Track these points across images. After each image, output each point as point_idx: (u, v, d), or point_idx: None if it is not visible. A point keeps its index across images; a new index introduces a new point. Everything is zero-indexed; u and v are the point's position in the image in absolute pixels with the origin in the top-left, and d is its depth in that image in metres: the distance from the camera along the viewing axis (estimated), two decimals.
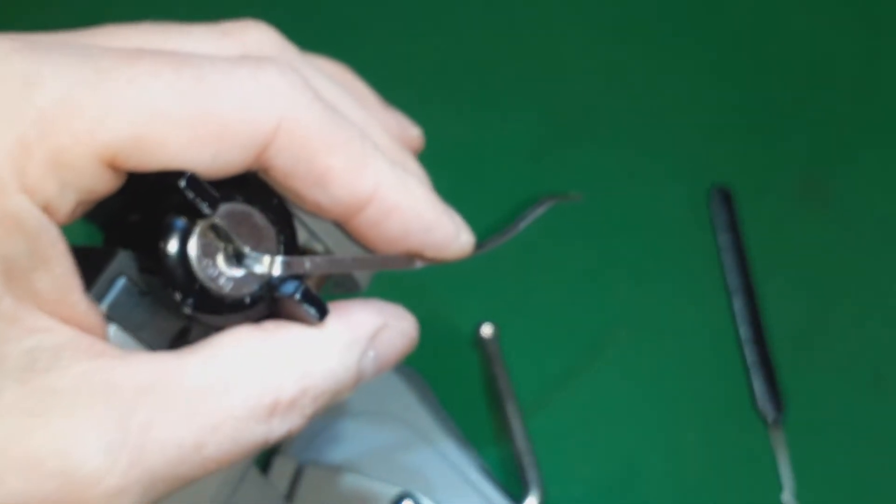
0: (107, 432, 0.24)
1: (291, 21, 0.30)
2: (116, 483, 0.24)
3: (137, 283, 0.27)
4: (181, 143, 0.25)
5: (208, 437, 0.25)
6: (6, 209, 0.23)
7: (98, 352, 0.24)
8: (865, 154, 0.64)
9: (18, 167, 0.23)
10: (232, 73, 0.25)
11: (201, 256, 0.27)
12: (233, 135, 0.25)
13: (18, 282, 0.23)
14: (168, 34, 0.28)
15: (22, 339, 0.23)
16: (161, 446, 0.24)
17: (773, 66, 0.68)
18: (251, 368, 0.27)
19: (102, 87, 0.24)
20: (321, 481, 0.40)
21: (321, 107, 0.27)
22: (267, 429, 0.27)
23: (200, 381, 0.26)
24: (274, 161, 0.26)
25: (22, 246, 0.23)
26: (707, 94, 0.66)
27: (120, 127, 0.24)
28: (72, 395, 0.23)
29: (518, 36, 0.68)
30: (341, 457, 0.45)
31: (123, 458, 0.24)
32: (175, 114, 0.24)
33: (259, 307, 0.28)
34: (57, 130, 0.23)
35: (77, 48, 0.25)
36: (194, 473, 0.25)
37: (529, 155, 0.64)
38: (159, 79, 0.24)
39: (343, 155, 0.27)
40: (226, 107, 0.25)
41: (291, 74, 0.27)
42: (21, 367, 0.23)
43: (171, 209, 0.26)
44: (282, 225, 0.29)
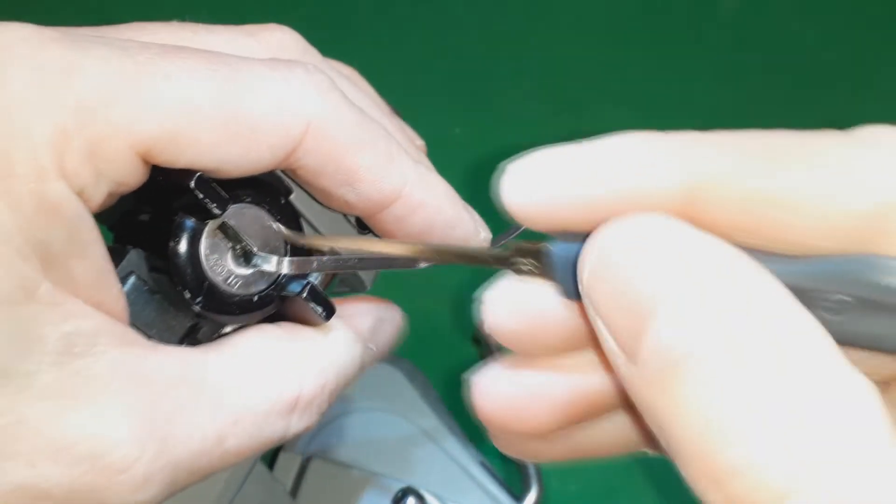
0: (136, 421, 0.24)
1: (292, 23, 0.31)
2: (143, 471, 0.24)
3: (147, 281, 0.27)
4: (213, 141, 0.25)
5: (229, 430, 0.26)
6: (45, 195, 0.23)
7: (130, 340, 0.25)
8: None
9: (57, 154, 0.23)
10: (264, 75, 0.26)
11: (210, 256, 0.27)
12: (263, 136, 0.26)
13: (56, 267, 0.23)
14: (196, 32, 0.28)
15: (59, 323, 0.23)
16: (185, 438, 0.25)
17: (772, 67, 0.68)
18: (273, 366, 0.27)
19: (141, 81, 0.24)
20: (326, 476, 0.41)
21: (348, 107, 0.27)
22: (286, 424, 0.27)
23: (224, 376, 0.26)
24: (303, 161, 0.27)
25: (60, 232, 0.23)
26: (706, 94, 0.67)
27: (157, 121, 0.24)
28: (104, 381, 0.24)
29: (518, 36, 0.69)
30: (345, 452, 0.45)
31: (150, 448, 0.24)
32: (210, 112, 0.25)
33: (267, 306, 0.29)
34: (95, 120, 0.23)
35: (114, 41, 0.25)
36: (214, 466, 0.26)
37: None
38: (196, 76, 0.25)
39: (370, 154, 0.27)
40: (258, 108, 0.25)
41: (319, 76, 0.27)
42: (58, 350, 0.23)
43: (181, 209, 0.27)
44: (289, 225, 0.29)
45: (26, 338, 0.23)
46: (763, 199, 0.19)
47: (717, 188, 0.19)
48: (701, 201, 0.19)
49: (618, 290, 0.19)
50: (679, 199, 0.19)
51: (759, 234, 0.19)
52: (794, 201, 0.19)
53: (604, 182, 0.20)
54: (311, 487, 0.41)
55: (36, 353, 0.23)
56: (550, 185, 0.21)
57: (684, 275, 0.18)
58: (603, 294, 0.19)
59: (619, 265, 0.19)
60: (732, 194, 0.19)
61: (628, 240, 0.19)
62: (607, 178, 0.20)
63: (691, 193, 0.19)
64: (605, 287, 0.19)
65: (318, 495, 0.40)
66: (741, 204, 0.19)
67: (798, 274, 0.19)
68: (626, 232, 0.19)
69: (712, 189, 0.19)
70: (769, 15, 0.70)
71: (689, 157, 0.19)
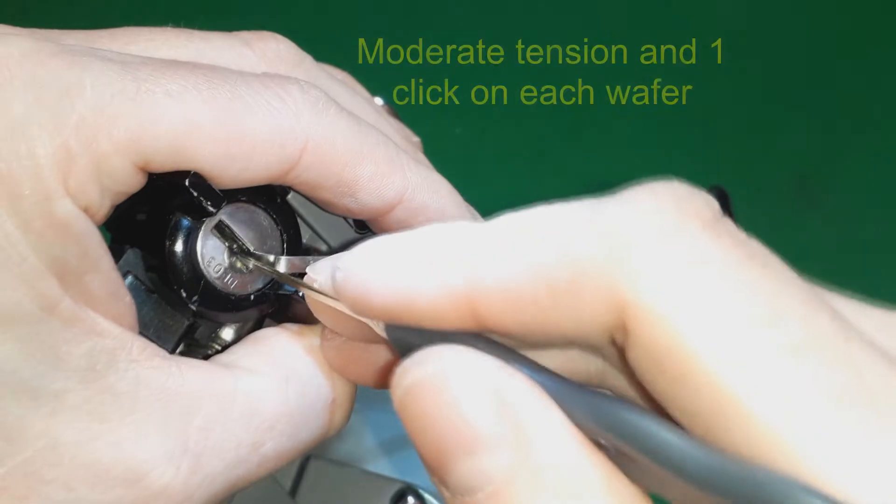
0: (168, 439, 0.24)
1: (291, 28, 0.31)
2: (181, 489, 0.24)
3: (144, 281, 0.28)
4: (212, 157, 0.25)
5: (265, 436, 0.26)
6: (55, 214, 0.23)
7: (151, 354, 0.25)
8: (860, 156, 0.65)
9: (62, 173, 0.23)
10: (261, 94, 0.26)
11: (207, 255, 0.28)
12: (261, 155, 0.26)
13: (72, 283, 0.24)
14: (191, 39, 0.28)
15: (82, 340, 0.23)
16: (219, 450, 0.25)
17: (770, 68, 0.68)
18: (308, 365, 0.27)
19: (142, 98, 0.24)
20: (325, 475, 0.41)
21: (346, 120, 0.27)
22: (326, 422, 0.27)
23: (256, 382, 0.26)
24: (303, 177, 0.27)
25: (72, 249, 0.23)
26: (704, 96, 0.67)
27: (158, 137, 0.24)
28: (131, 399, 0.24)
29: (518, 36, 0.69)
30: (345, 451, 0.45)
31: (185, 465, 0.24)
32: (211, 130, 0.25)
33: (263, 304, 0.29)
34: (99, 139, 0.23)
35: (113, 55, 0.25)
36: (253, 472, 0.26)
37: (529, 155, 0.64)
38: (197, 93, 0.25)
39: (370, 164, 0.27)
40: (257, 128, 0.25)
41: (314, 93, 0.27)
42: (83, 367, 0.23)
43: (177, 208, 0.27)
44: (286, 224, 0.29)
45: (52, 355, 0.23)
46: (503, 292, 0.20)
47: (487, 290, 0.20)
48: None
49: (421, 431, 0.20)
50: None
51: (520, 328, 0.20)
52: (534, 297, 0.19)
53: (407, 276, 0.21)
54: (311, 487, 0.41)
55: (62, 370, 0.23)
56: (376, 277, 0.21)
57: (477, 420, 0.19)
58: (410, 430, 0.20)
59: (421, 409, 0.20)
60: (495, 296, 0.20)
61: (426, 385, 0.20)
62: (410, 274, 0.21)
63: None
64: (412, 427, 0.20)
65: (318, 495, 0.40)
66: (504, 305, 0.20)
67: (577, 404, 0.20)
68: (425, 377, 0.20)
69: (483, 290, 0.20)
70: (766, 17, 0.70)
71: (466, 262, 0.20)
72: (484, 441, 0.19)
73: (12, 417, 0.23)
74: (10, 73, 0.23)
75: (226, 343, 0.29)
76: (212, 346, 0.29)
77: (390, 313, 0.21)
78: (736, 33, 0.69)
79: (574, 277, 0.19)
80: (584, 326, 0.19)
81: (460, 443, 0.19)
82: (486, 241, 0.20)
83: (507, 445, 0.19)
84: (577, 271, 0.19)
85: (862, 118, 0.66)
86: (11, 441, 0.23)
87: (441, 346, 0.20)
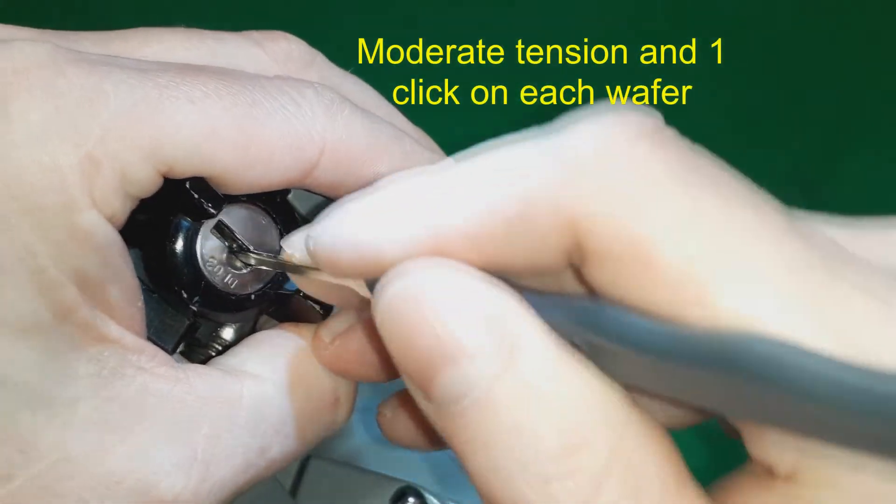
0: (177, 448, 0.24)
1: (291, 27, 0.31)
2: (190, 499, 0.24)
3: (144, 281, 0.28)
4: (232, 163, 0.25)
5: (272, 440, 0.26)
6: (79, 226, 0.23)
7: (159, 362, 0.25)
8: (858, 155, 0.65)
9: (87, 183, 0.23)
10: (278, 98, 0.26)
11: (207, 255, 0.28)
12: (280, 159, 0.26)
13: (93, 293, 0.24)
14: (203, 40, 0.28)
15: (92, 348, 0.24)
16: (227, 457, 0.25)
17: (770, 68, 0.68)
18: (311, 366, 0.27)
19: (164, 106, 0.24)
20: (325, 475, 0.41)
21: (360, 119, 0.27)
22: (331, 419, 0.28)
23: (261, 386, 0.26)
24: (322, 178, 0.27)
25: (94, 259, 0.23)
26: (702, 96, 0.67)
27: (180, 143, 0.24)
28: (140, 407, 0.24)
29: (518, 36, 0.69)
30: (345, 450, 0.45)
31: (195, 474, 0.24)
32: (230, 135, 0.25)
33: (264, 304, 0.29)
34: (124, 148, 0.24)
35: (131, 62, 0.25)
36: (258, 477, 0.26)
37: None
38: (217, 100, 0.25)
39: (387, 160, 0.28)
40: (275, 133, 0.26)
41: (328, 94, 0.27)
42: (92, 374, 0.23)
43: (177, 209, 0.27)
44: (286, 223, 0.29)
45: (66, 364, 0.23)
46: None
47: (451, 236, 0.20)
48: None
49: (403, 346, 0.20)
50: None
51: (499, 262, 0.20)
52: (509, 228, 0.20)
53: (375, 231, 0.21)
54: (311, 486, 0.41)
55: (72, 378, 0.23)
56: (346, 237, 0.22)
57: (462, 328, 0.19)
58: (392, 347, 0.20)
59: (404, 321, 0.20)
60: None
61: (405, 298, 0.20)
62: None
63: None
64: (393, 343, 0.20)
65: (318, 494, 0.41)
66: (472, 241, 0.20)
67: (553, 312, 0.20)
68: (402, 288, 0.20)
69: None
70: (765, 17, 0.70)
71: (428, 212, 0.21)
72: (469, 349, 0.19)
73: (26, 428, 0.23)
74: (29, 83, 0.23)
75: (226, 343, 0.29)
76: (212, 345, 0.29)
77: (364, 271, 0.21)
78: (736, 33, 0.69)
79: (526, 209, 0.19)
80: (543, 255, 0.20)
81: (445, 352, 0.19)
82: (442, 189, 0.21)
83: (493, 353, 0.19)
84: (528, 202, 0.19)
85: (862, 118, 0.66)
86: (25, 452, 0.23)
87: (421, 259, 0.20)
